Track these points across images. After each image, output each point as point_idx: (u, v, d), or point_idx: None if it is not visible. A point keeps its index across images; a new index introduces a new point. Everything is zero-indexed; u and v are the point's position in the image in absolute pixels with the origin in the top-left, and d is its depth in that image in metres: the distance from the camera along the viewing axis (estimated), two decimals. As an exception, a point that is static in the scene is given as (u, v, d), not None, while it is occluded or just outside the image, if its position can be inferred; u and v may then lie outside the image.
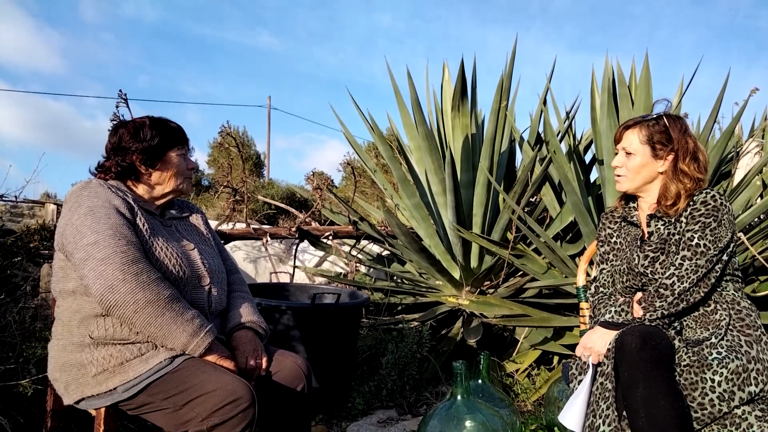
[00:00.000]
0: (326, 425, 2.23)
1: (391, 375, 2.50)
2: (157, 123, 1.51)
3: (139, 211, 1.42)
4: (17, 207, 4.24)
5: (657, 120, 1.60)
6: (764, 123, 3.48)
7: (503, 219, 3.05)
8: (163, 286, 1.31)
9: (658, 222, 1.61)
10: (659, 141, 1.58)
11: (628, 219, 1.70)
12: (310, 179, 3.93)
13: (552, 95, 3.40)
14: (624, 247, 1.69)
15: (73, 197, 1.37)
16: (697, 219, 1.51)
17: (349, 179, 9.64)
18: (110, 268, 1.25)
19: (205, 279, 1.48)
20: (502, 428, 1.79)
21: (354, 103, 3.36)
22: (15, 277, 2.61)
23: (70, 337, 1.36)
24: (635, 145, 1.60)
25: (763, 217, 2.80)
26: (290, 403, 1.47)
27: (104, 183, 1.42)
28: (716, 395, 1.34)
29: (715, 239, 1.48)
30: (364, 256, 3.89)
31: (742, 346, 1.42)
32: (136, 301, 1.25)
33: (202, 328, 1.34)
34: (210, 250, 1.60)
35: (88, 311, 1.34)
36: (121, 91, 2.37)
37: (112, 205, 1.35)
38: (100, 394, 1.31)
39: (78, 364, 1.33)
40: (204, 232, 1.65)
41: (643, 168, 1.60)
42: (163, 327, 1.29)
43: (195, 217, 1.67)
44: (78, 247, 1.28)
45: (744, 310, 1.51)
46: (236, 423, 1.24)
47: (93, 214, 1.31)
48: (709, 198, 1.52)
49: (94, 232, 1.28)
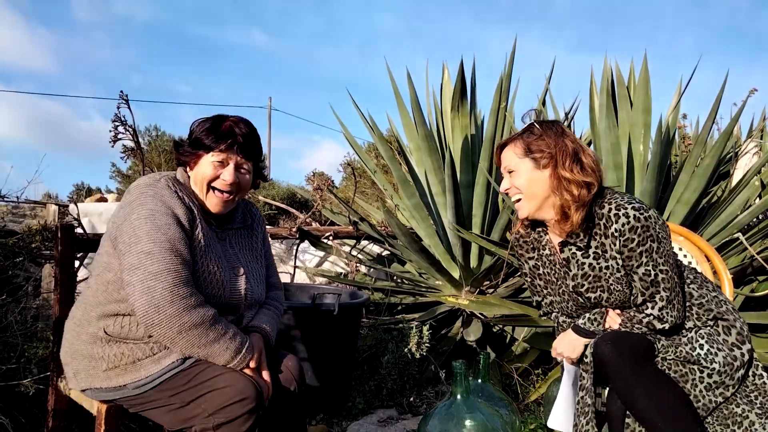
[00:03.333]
0: (327, 424, 2.24)
1: (391, 374, 2.50)
2: (214, 121, 1.42)
3: (200, 222, 1.36)
4: (19, 207, 4.26)
5: (530, 129, 1.48)
6: (763, 123, 3.48)
7: (503, 219, 3.06)
8: (207, 308, 1.29)
9: (573, 248, 1.47)
10: (538, 149, 1.43)
11: (541, 251, 1.56)
12: (310, 180, 3.94)
13: (551, 96, 3.41)
14: (555, 280, 1.56)
15: (138, 192, 1.32)
16: (637, 251, 1.38)
17: (349, 180, 9.65)
18: (160, 286, 1.22)
19: (240, 308, 1.45)
20: (501, 428, 1.80)
21: (354, 103, 3.37)
22: (17, 278, 2.62)
23: (86, 326, 1.35)
24: (514, 161, 1.46)
25: (762, 217, 2.80)
26: (282, 404, 1.47)
27: (171, 185, 1.35)
28: (704, 386, 1.36)
29: (666, 260, 1.39)
30: (365, 257, 3.90)
31: (720, 334, 1.41)
32: (182, 324, 1.23)
33: (243, 345, 1.33)
34: (257, 270, 1.53)
35: (112, 308, 1.33)
36: (122, 92, 2.38)
37: (173, 215, 1.30)
38: (109, 387, 1.32)
39: (89, 356, 1.34)
40: (259, 248, 1.58)
41: (531, 183, 1.44)
42: (208, 347, 1.28)
43: (255, 229, 1.58)
44: (131, 251, 1.24)
45: (702, 298, 1.46)
46: (241, 423, 1.24)
47: (153, 221, 1.27)
48: (632, 220, 1.36)
49: (151, 240, 1.24)
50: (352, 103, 3.38)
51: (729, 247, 2.68)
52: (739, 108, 2.80)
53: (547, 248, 1.55)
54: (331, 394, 2.33)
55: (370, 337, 2.90)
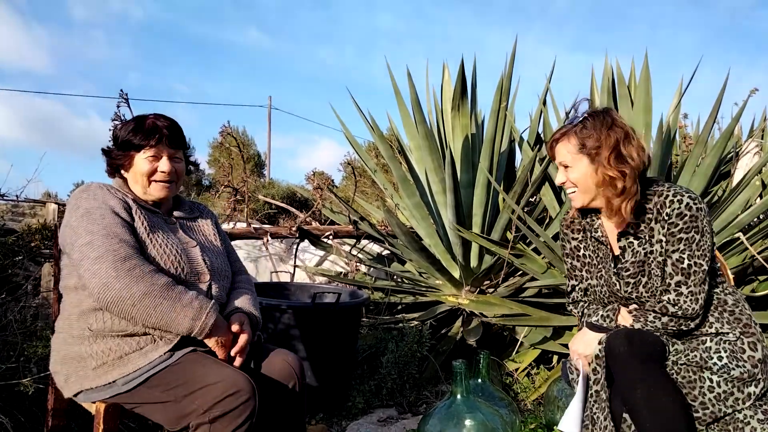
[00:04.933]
0: (326, 424, 2.24)
1: (391, 374, 2.50)
2: (137, 121, 1.49)
3: (139, 210, 1.44)
4: (18, 206, 4.25)
5: (582, 123, 1.48)
6: (763, 123, 3.48)
7: (503, 219, 3.05)
8: (157, 276, 1.32)
9: (630, 237, 1.50)
10: (593, 146, 1.45)
11: (592, 235, 1.59)
12: (310, 179, 3.94)
13: (552, 95, 3.41)
14: (597, 263, 1.58)
15: (73, 200, 1.41)
16: (678, 236, 1.41)
17: (349, 179, 9.65)
18: (104, 266, 1.27)
19: (204, 276, 1.48)
20: (501, 427, 1.80)
21: (354, 103, 3.37)
22: (16, 276, 2.62)
23: (70, 330, 1.39)
24: (569, 156, 1.49)
25: (762, 217, 2.80)
26: (283, 401, 1.47)
27: (104, 185, 1.45)
28: (713, 395, 1.35)
29: (703, 253, 1.40)
30: (365, 256, 3.89)
31: (746, 351, 1.38)
32: (132, 295, 1.27)
33: (203, 308, 1.34)
34: (215, 250, 1.59)
35: (87, 305, 1.37)
36: (122, 91, 2.37)
37: (107, 206, 1.38)
38: (99, 386, 1.33)
39: (78, 357, 1.36)
40: (211, 233, 1.64)
41: (588, 177, 1.47)
42: (164, 315, 1.29)
43: (204, 219, 1.66)
44: (74, 248, 1.32)
45: (735, 307, 1.46)
46: (237, 414, 1.25)
47: (89, 216, 1.35)
48: (684, 208, 1.40)
49: (89, 233, 1.32)
50: (353, 103, 3.38)
51: (730, 246, 2.67)
52: (740, 108, 2.80)
53: (599, 231, 1.57)
54: (330, 393, 2.33)
55: (370, 336, 2.90)
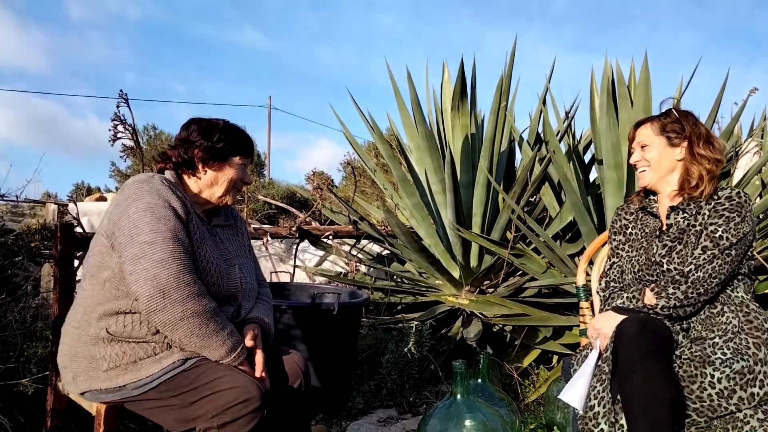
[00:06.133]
0: (326, 424, 2.24)
1: (391, 374, 2.50)
2: (229, 128, 1.52)
3: (194, 215, 1.41)
4: (18, 207, 4.25)
5: (667, 113, 1.66)
6: (763, 123, 3.48)
7: (503, 218, 3.05)
8: (209, 298, 1.31)
9: (679, 214, 1.63)
10: (672, 130, 1.63)
11: (648, 209, 1.71)
12: (310, 179, 3.94)
13: (551, 95, 3.41)
14: (641, 237, 1.70)
15: (133, 188, 1.34)
16: (720, 213, 1.53)
17: (349, 179, 9.65)
18: (166, 272, 1.23)
19: (237, 297, 1.48)
20: (501, 427, 1.79)
21: (354, 103, 3.36)
22: (16, 277, 2.62)
23: (87, 328, 1.35)
24: (650, 137, 1.65)
25: (762, 217, 2.80)
26: (288, 400, 1.48)
27: (165, 180, 1.39)
28: (715, 391, 1.34)
29: (737, 234, 1.50)
30: (365, 256, 3.89)
31: (750, 348, 1.41)
32: (185, 309, 1.25)
33: (238, 344, 1.35)
34: (248, 264, 1.59)
35: (112, 306, 1.32)
36: (122, 91, 2.37)
37: (171, 207, 1.33)
38: (108, 389, 1.31)
39: (90, 357, 1.33)
40: (246, 245, 1.64)
41: (662, 157, 1.63)
42: (205, 338, 1.29)
43: (239, 227, 1.65)
44: (134, 243, 1.26)
45: (752, 312, 1.50)
46: (246, 422, 1.25)
47: (152, 212, 1.29)
48: (734, 194, 1.55)
49: (153, 231, 1.26)
50: (353, 103, 3.38)
51: (729, 246, 2.67)
52: (739, 107, 2.80)
53: (654, 208, 1.70)
54: (330, 393, 2.33)
55: (370, 336, 2.89)
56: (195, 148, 1.47)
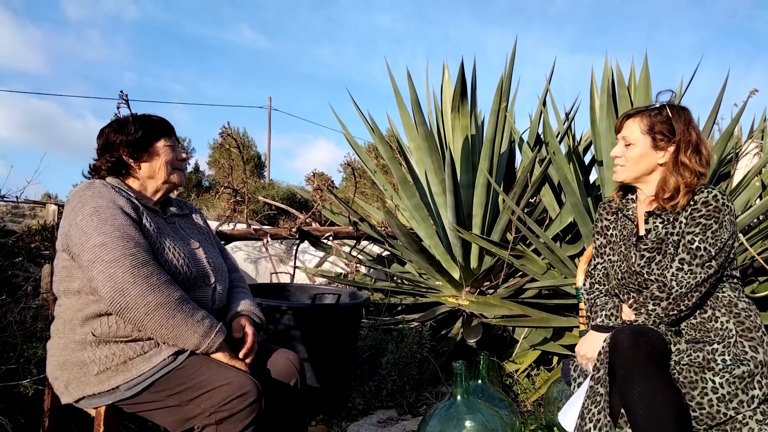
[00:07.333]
0: (326, 425, 2.24)
1: (391, 375, 2.50)
2: (140, 118, 1.53)
3: (144, 210, 1.42)
4: (18, 207, 4.25)
5: (660, 110, 1.56)
6: (763, 124, 3.48)
7: (503, 220, 3.05)
8: (173, 288, 1.31)
9: (657, 219, 1.58)
10: (660, 131, 1.54)
11: (624, 212, 1.67)
12: (310, 180, 3.94)
13: (551, 96, 3.41)
14: (620, 241, 1.66)
15: (77, 197, 1.36)
16: (697, 220, 1.48)
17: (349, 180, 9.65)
18: (120, 270, 1.24)
19: (210, 278, 1.49)
20: (501, 428, 1.79)
21: (354, 103, 3.37)
22: (16, 278, 2.62)
23: (72, 335, 1.35)
24: (635, 134, 1.57)
25: (762, 218, 2.80)
26: (284, 399, 1.48)
27: (107, 183, 1.41)
28: (716, 396, 1.34)
29: (715, 242, 1.45)
30: (365, 257, 3.89)
31: (748, 352, 1.40)
32: (147, 303, 1.25)
33: (213, 328, 1.34)
34: (212, 249, 1.61)
35: (92, 309, 1.33)
36: (122, 92, 2.37)
37: (116, 205, 1.34)
38: (101, 392, 1.31)
39: (80, 363, 1.33)
40: (204, 230, 1.65)
41: (642, 158, 1.56)
42: (175, 328, 1.29)
43: (195, 215, 1.67)
44: (85, 249, 1.27)
45: (743, 312, 1.49)
46: (244, 417, 1.25)
47: (98, 215, 1.30)
48: (711, 198, 1.48)
49: (101, 233, 1.27)
50: (353, 103, 3.38)
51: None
52: (739, 109, 2.79)
53: (630, 211, 1.66)
54: (330, 394, 2.33)
55: (370, 337, 2.89)
56: (118, 148, 1.47)
